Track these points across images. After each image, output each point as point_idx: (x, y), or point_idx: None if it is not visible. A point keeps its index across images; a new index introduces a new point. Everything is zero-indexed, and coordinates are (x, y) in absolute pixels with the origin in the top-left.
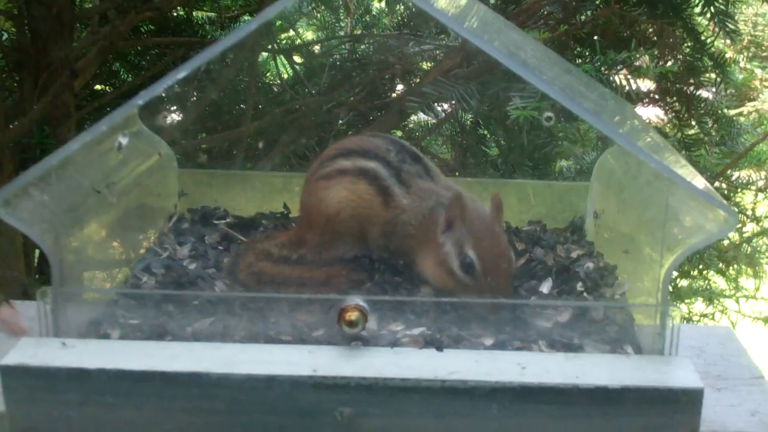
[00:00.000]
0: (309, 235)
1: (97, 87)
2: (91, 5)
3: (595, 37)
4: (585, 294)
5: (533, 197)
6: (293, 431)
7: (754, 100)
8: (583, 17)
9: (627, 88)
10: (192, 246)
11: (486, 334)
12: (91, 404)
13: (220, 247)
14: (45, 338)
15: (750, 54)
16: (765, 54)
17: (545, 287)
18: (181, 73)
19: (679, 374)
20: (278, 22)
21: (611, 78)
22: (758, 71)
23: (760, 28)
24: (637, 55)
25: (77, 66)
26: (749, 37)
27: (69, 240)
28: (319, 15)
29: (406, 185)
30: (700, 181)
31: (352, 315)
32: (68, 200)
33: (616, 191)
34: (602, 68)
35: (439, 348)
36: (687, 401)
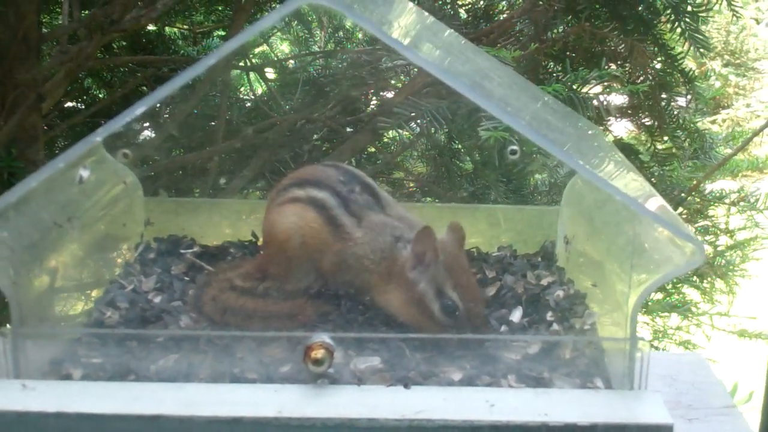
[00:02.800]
0: (270, 266)
1: (69, 104)
2: (58, 24)
3: (567, 53)
4: (555, 324)
5: (504, 222)
6: None
7: (727, 108)
8: (553, 34)
9: (598, 104)
10: (158, 278)
11: (454, 369)
12: None
13: (187, 278)
14: (4, 380)
15: (724, 62)
16: (738, 62)
17: (515, 316)
18: (140, 108)
19: (648, 410)
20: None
21: (582, 95)
22: (732, 78)
23: (732, 36)
24: (609, 73)
25: (44, 89)
26: (722, 46)
27: (30, 277)
28: (292, 30)
29: (356, 217)
30: (667, 212)
31: (318, 353)
32: (29, 236)
33: (586, 217)
34: (573, 85)
35: (407, 385)
36: None
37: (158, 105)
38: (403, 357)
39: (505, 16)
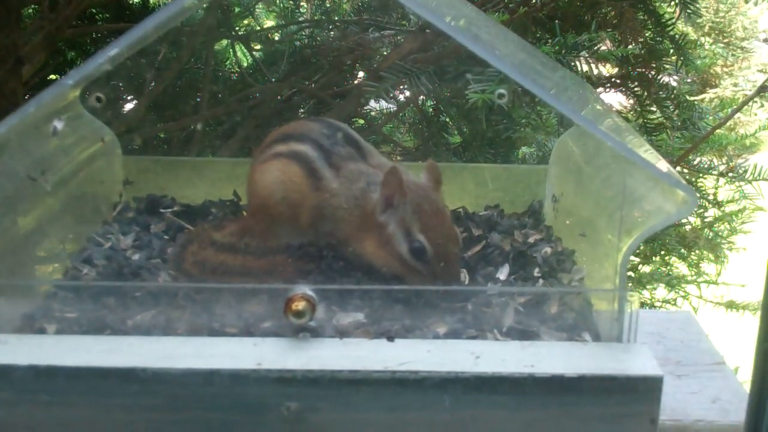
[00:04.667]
0: (253, 223)
1: (52, 77)
2: None
3: (557, 21)
4: (542, 280)
5: (490, 181)
6: (238, 427)
7: (715, 86)
8: None
9: (587, 72)
10: (136, 236)
11: (440, 323)
12: (23, 403)
13: (166, 237)
14: None
15: (712, 40)
16: (726, 40)
17: (502, 273)
18: (112, 50)
19: (637, 362)
20: (237, 9)
21: (571, 62)
22: (721, 51)
23: (721, 14)
24: (598, 38)
25: (23, 53)
26: (710, 24)
27: (2, 230)
28: (278, 1)
29: (336, 168)
30: (660, 163)
31: (299, 305)
32: (2, 189)
33: (575, 174)
34: (562, 51)
35: (391, 338)
36: (646, 389)
37: (145, 79)
38: (387, 311)
39: None
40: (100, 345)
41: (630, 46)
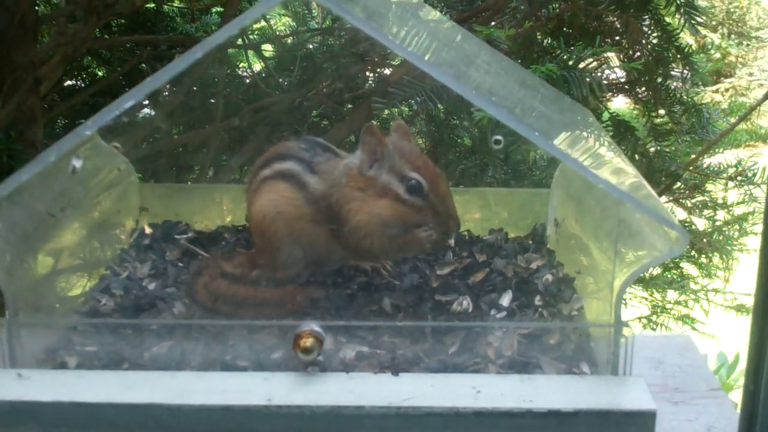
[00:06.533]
0: (259, 255)
1: (68, 83)
2: (55, 6)
3: (564, 29)
4: (542, 309)
5: (495, 204)
6: None
7: (730, 77)
8: (549, 11)
9: (591, 81)
10: (152, 264)
11: (442, 355)
12: None
13: (181, 264)
14: (0, 370)
15: (726, 29)
16: (740, 31)
17: (505, 300)
18: (129, 102)
19: (631, 395)
20: None
21: (577, 72)
22: (733, 51)
23: (735, 3)
24: (603, 50)
25: (40, 72)
26: (724, 14)
27: (24, 267)
28: (290, 6)
29: (317, 173)
30: (654, 200)
31: (307, 341)
32: (22, 227)
33: (576, 200)
34: (569, 62)
35: (395, 372)
36: (639, 423)
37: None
38: (392, 343)
39: None
40: (118, 380)
41: (636, 55)
